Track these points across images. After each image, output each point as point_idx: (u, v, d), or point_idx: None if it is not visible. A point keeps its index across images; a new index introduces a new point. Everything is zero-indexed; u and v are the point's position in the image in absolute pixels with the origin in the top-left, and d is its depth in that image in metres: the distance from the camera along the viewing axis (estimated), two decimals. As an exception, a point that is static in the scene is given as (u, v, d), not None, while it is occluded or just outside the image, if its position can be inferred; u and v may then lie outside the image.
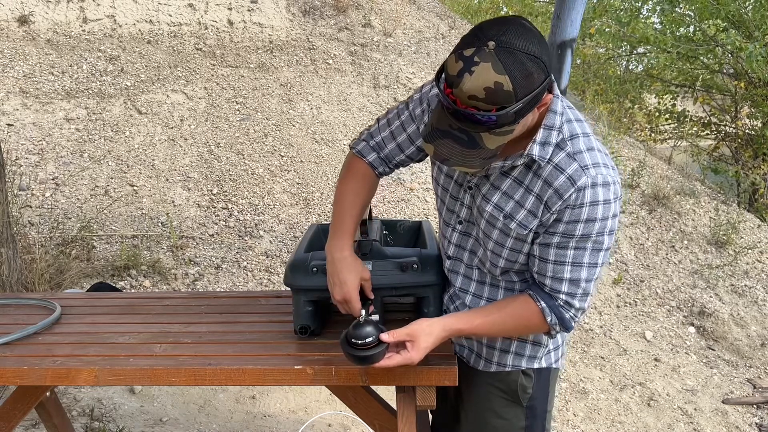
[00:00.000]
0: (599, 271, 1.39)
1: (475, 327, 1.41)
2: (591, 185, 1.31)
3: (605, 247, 1.37)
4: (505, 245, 1.43)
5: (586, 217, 1.32)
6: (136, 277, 3.76)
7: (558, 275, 1.37)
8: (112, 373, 1.49)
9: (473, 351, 1.60)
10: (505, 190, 1.40)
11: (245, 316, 1.88)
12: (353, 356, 1.36)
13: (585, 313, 1.43)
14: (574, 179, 1.31)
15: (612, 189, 1.33)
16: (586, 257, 1.36)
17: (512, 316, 1.42)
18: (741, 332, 4.23)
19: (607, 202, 1.32)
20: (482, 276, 1.54)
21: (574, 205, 1.31)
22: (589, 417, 3.33)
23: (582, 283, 1.38)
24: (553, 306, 1.39)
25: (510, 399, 1.56)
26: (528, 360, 1.55)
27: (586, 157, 1.33)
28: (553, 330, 1.41)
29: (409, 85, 5.67)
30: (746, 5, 6.84)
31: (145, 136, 4.82)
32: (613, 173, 1.34)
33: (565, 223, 1.33)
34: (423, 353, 1.37)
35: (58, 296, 2.16)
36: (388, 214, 4.51)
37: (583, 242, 1.34)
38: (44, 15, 5.48)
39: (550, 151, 1.33)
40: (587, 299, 1.40)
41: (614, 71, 8.63)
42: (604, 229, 1.34)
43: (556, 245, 1.36)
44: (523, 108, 1.20)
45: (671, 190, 5.36)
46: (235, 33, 5.77)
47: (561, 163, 1.33)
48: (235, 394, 3.14)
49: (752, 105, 7.32)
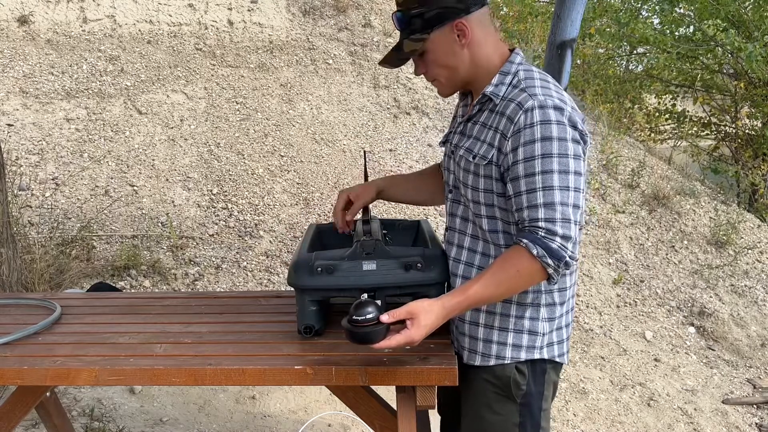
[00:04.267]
0: (575, 198, 1.39)
1: (472, 293, 1.40)
2: (539, 106, 1.39)
3: (573, 169, 1.38)
4: (479, 188, 1.50)
5: (540, 136, 1.38)
6: (136, 277, 3.76)
7: (532, 203, 1.39)
8: (112, 373, 1.49)
9: (465, 348, 1.59)
10: (474, 135, 1.53)
11: (245, 316, 1.88)
12: (353, 334, 1.36)
13: (577, 246, 1.39)
14: (522, 103, 1.41)
15: (566, 114, 1.39)
16: (555, 180, 1.37)
17: (501, 268, 1.40)
18: (741, 332, 4.23)
19: (561, 124, 1.38)
20: (474, 244, 1.57)
21: (525, 125, 1.39)
22: (589, 417, 3.33)
23: (558, 206, 1.37)
24: (536, 239, 1.37)
25: (503, 394, 1.55)
26: (527, 351, 1.53)
27: (537, 89, 1.43)
28: (547, 266, 1.37)
29: (409, 85, 5.67)
30: (746, 5, 6.84)
31: (145, 136, 4.82)
32: (567, 103, 1.41)
33: (523, 146, 1.39)
34: (423, 331, 1.37)
35: (58, 296, 2.16)
36: (387, 214, 4.51)
37: (548, 164, 1.37)
38: (44, 15, 5.49)
39: (503, 90, 1.48)
40: (570, 226, 1.37)
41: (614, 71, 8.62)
42: (567, 150, 1.38)
43: (524, 175, 1.39)
44: (428, 17, 1.46)
45: (671, 190, 5.37)
46: (235, 33, 5.77)
47: (513, 95, 1.45)
48: (235, 394, 3.14)
49: (752, 105, 7.33)
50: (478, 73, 1.52)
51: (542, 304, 1.52)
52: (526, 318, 1.52)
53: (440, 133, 5.34)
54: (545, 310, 1.52)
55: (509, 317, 1.52)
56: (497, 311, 1.53)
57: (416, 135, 5.30)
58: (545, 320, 1.53)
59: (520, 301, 1.52)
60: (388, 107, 5.48)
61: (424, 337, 1.38)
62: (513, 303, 1.52)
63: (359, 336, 1.36)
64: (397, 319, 1.36)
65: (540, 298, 1.52)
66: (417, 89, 5.68)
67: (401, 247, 1.73)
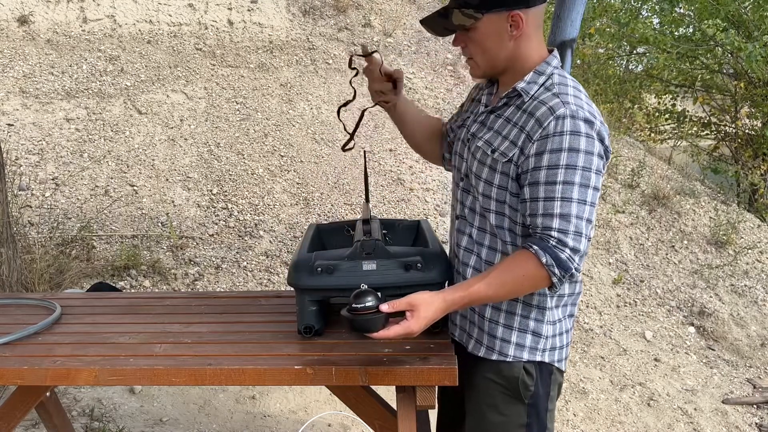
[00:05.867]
0: (589, 212, 1.38)
1: (474, 290, 1.39)
2: (570, 116, 1.37)
3: (593, 184, 1.38)
4: (493, 183, 1.48)
5: (568, 146, 1.36)
6: (136, 277, 3.76)
7: (548, 211, 1.38)
8: (112, 373, 1.49)
9: (472, 336, 1.59)
10: (496, 128, 1.50)
11: (245, 316, 1.88)
12: (352, 322, 1.35)
13: (583, 259, 1.39)
14: (554, 108, 1.38)
15: (595, 128, 1.38)
16: (575, 192, 1.37)
17: (508, 270, 1.40)
18: (741, 332, 4.23)
19: (590, 137, 1.37)
20: (481, 237, 1.56)
21: (554, 132, 1.37)
22: (589, 417, 3.33)
23: (573, 219, 1.37)
24: (547, 247, 1.37)
25: (511, 395, 1.55)
26: (530, 351, 1.53)
27: (570, 96, 1.40)
28: (553, 275, 1.37)
29: (409, 85, 5.68)
30: (746, 5, 6.84)
31: (145, 136, 4.82)
32: (597, 118, 1.39)
33: (549, 152, 1.37)
34: (423, 323, 1.36)
35: (58, 296, 2.16)
36: (388, 214, 4.51)
37: (570, 175, 1.36)
38: (44, 15, 5.49)
39: (534, 89, 1.45)
40: (581, 240, 1.38)
41: (614, 71, 8.62)
42: (590, 164, 1.37)
43: (545, 182, 1.38)
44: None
45: (671, 190, 5.37)
46: (235, 33, 5.77)
47: (545, 98, 1.42)
48: (235, 394, 3.14)
49: (752, 105, 7.33)
50: (515, 66, 1.49)
51: (548, 308, 1.52)
52: (531, 319, 1.52)
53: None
54: (550, 313, 1.53)
55: (514, 315, 1.53)
56: (503, 308, 1.53)
57: (416, 135, 5.29)
58: (549, 323, 1.53)
59: (526, 301, 1.52)
60: (388, 107, 5.48)
61: (422, 330, 1.37)
62: (519, 302, 1.52)
63: (358, 324, 1.35)
64: (397, 309, 1.35)
65: (545, 301, 1.52)
66: (417, 89, 5.68)
67: (401, 247, 1.72)
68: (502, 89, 1.56)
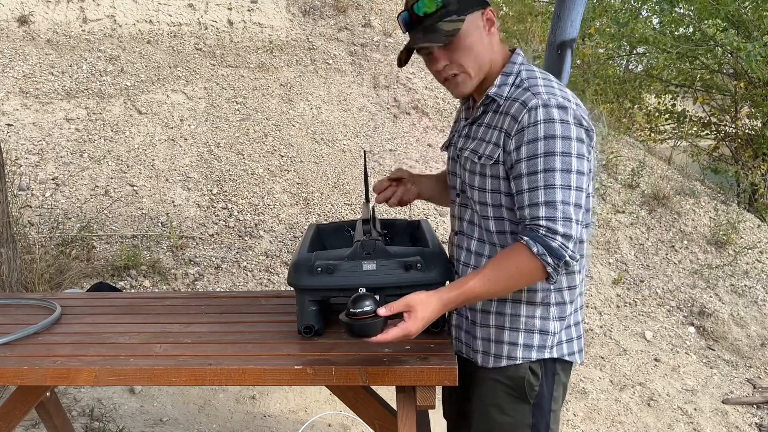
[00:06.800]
0: (576, 197, 1.38)
1: (470, 288, 1.39)
2: (542, 105, 1.39)
3: (575, 169, 1.39)
4: (486, 188, 1.51)
5: (543, 134, 1.38)
6: (136, 277, 3.76)
7: (534, 201, 1.39)
8: (112, 373, 1.49)
9: (479, 351, 1.59)
10: (479, 137, 1.53)
11: (245, 316, 1.88)
12: (350, 326, 1.35)
13: (577, 245, 1.39)
14: (526, 102, 1.42)
15: (570, 113, 1.40)
16: (557, 179, 1.38)
17: (501, 264, 1.40)
18: (741, 332, 4.23)
19: (565, 122, 1.39)
20: (481, 248, 1.57)
21: (528, 123, 1.39)
22: (589, 417, 3.33)
23: (559, 205, 1.37)
24: (537, 237, 1.37)
25: (516, 395, 1.55)
26: (538, 350, 1.53)
27: (540, 87, 1.44)
28: (547, 264, 1.36)
29: (409, 85, 5.67)
30: (746, 5, 6.84)
31: (145, 136, 4.82)
32: (571, 101, 1.42)
33: (526, 144, 1.40)
34: (420, 324, 1.36)
35: (58, 296, 2.16)
36: (388, 214, 4.51)
37: (550, 162, 1.38)
38: (44, 15, 5.49)
39: (507, 90, 1.49)
40: (572, 225, 1.37)
41: (614, 71, 8.62)
42: (570, 149, 1.38)
43: (526, 173, 1.40)
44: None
45: (671, 190, 5.37)
46: (235, 33, 5.77)
47: (517, 95, 1.46)
48: (235, 394, 3.14)
49: (752, 105, 7.33)
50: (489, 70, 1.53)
51: (552, 303, 1.52)
52: (537, 317, 1.52)
53: (440, 133, 5.34)
54: (555, 309, 1.52)
55: (519, 317, 1.52)
56: (507, 312, 1.53)
57: (416, 135, 5.30)
58: (556, 319, 1.53)
59: (529, 301, 1.51)
60: (388, 107, 5.48)
61: (421, 330, 1.37)
62: (522, 303, 1.52)
63: (356, 329, 1.36)
64: (395, 311, 1.36)
65: (549, 296, 1.51)
66: (417, 89, 5.68)
67: (401, 247, 1.72)
68: (478, 98, 1.59)
